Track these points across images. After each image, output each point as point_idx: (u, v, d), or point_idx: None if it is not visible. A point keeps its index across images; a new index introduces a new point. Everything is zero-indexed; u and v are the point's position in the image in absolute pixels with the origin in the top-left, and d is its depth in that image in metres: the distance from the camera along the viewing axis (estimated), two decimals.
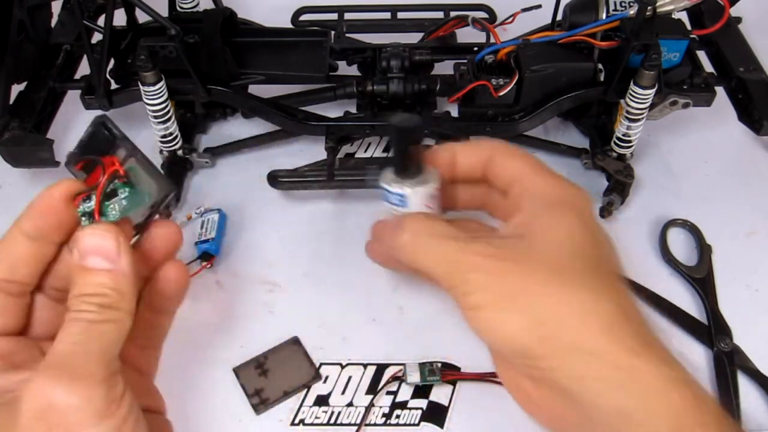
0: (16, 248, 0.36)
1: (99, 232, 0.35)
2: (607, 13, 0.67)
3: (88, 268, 0.34)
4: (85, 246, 0.34)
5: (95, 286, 0.34)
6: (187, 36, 0.69)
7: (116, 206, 0.37)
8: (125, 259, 0.35)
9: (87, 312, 0.33)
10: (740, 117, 0.74)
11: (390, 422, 0.59)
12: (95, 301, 0.33)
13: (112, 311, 0.34)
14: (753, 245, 0.71)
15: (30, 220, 0.36)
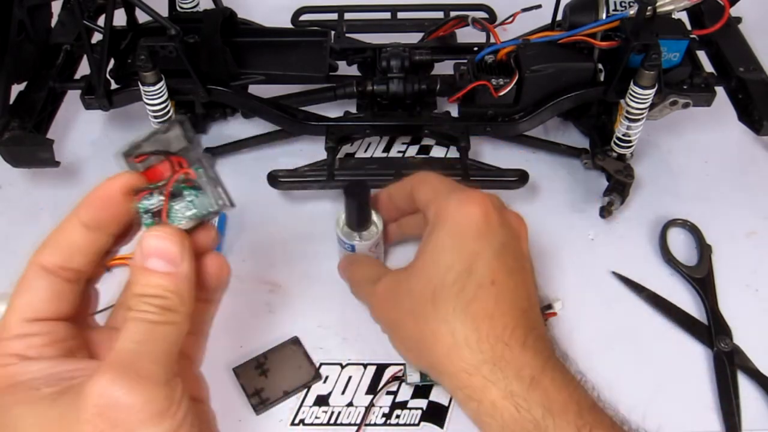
0: (73, 237, 0.37)
1: (164, 236, 0.35)
2: (607, 13, 0.67)
3: (149, 269, 0.35)
4: (149, 248, 0.35)
5: (156, 288, 0.34)
6: (187, 36, 0.69)
7: (181, 209, 0.37)
8: (187, 263, 0.36)
9: (149, 312, 0.34)
10: (740, 117, 0.74)
11: (390, 422, 0.59)
12: (156, 302, 0.34)
13: (172, 314, 0.35)
14: (753, 245, 0.71)
15: (88, 210, 0.37)
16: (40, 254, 0.37)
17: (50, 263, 0.36)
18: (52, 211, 0.76)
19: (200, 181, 0.37)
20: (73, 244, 0.37)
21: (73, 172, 0.78)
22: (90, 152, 0.81)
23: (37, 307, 0.36)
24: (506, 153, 0.79)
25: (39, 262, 0.37)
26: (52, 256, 0.37)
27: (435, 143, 0.81)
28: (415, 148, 0.81)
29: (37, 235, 0.73)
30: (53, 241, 0.37)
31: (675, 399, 0.59)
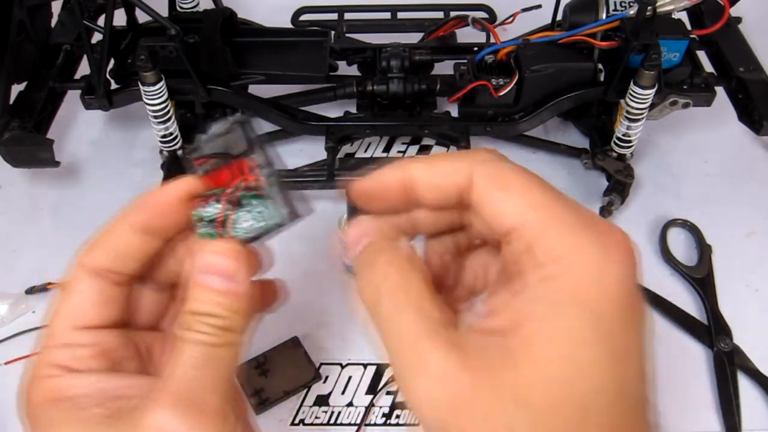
0: (123, 240, 0.34)
1: (222, 252, 0.32)
2: (607, 13, 0.67)
3: (207, 286, 0.32)
4: (206, 264, 0.32)
5: (214, 306, 0.32)
6: (187, 36, 0.69)
7: (243, 220, 0.33)
8: (246, 281, 0.33)
9: (206, 334, 0.31)
10: (740, 117, 0.74)
11: (390, 422, 0.59)
12: (214, 323, 0.31)
13: (231, 335, 0.32)
14: (753, 245, 0.71)
15: (140, 214, 0.34)
16: (88, 256, 0.34)
17: (98, 265, 0.34)
18: (52, 211, 0.76)
19: (265, 189, 0.33)
20: (123, 247, 0.34)
21: (73, 172, 0.78)
22: (90, 152, 0.81)
23: (86, 313, 0.33)
24: (506, 153, 0.78)
25: (86, 264, 0.34)
26: (100, 258, 0.34)
27: (435, 143, 0.81)
28: (415, 148, 0.81)
29: (37, 235, 0.74)
30: (101, 242, 0.35)
31: (675, 399, 0.59)
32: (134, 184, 0.78)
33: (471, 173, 0.29)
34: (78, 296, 0.34)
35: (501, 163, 0.30)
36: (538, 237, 0.27)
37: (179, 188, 0.34)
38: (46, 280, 0.67)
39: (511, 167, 0.29)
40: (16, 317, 0.65)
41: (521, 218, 0.27)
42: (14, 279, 0.68)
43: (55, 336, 0.33)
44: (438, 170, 0.31)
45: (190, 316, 0.32)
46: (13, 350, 0.63)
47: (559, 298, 0.26)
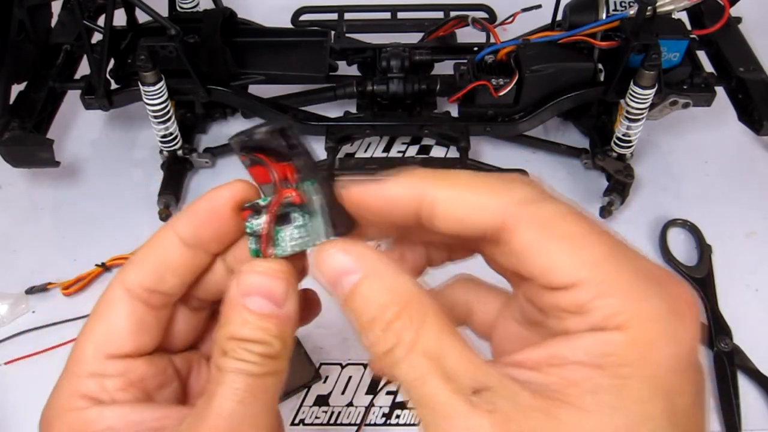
0: (167, 253, 0.31)
1: (269, 272, 0.29)
2: (607, 13, 0.67)
3: (249, 309, 0.28)
4: (251, 285, 0.29)
5: (258, 332, 0.28)
6: (187, 36, 0.69)
7: (288, 235, 0.30)
8: (292, 302, 0.29)
9: (250, 363, 0.28)
10: (740, 117, 0.74)
11: (390, 422, 0.59)
12: (258, 350, 0.28)
13: (275, 362, 0.28)
14: (753, 245, 0.71)
15: (190, 225, 0.30)
16: (126, 273, 0.31)
17: (137, 285, 0.30)
18: (52, 211, 0.76)
19: (311, 202, 0.30)
20: (167, 262, 0.30)
21: (73, 172, 0.78)
22: (90, 152, 0.81)
23: (119, 341, 0.30)
24: (506, 153, 0.79)
25: (126, 283, 0.30)
26: (139, 276, 0.30)
27: (435, 143, 0.81)
28: (415, 148, 0.81)
29: (37, 235, 0.74)
30: (143, 257, 0.31)
31: None
32: (134, 184, 0.78)
33: (507, 213, 0.26)
34: (113, 321, 0.31)
35: (546, 204, 0.26)
36: (598, 299, 0.24)
37: (232, 193, 0.30)
38: (46, 280, 0.67)
39: (559, 209, 0.25)
40: (16, 317, 0.65)
41: (577, 275, 0.24)
42: (14, 279, 0.68)
43: (83, 363, 0.30)
44: (466, 201, 0.27)
45: (229, 341, 0.28)
46: (13, 350, 0.63)
47: (623, 371, 0.23)
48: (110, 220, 0.73)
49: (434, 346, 0.25)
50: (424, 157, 0.79)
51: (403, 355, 0.25)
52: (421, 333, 0.25)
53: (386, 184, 0.28)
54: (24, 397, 0.60)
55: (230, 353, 0.28)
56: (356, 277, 0.27)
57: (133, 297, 0.30)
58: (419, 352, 0.25)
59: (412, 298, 0.26)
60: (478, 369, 0.24)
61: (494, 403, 0.23)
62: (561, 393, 0.23)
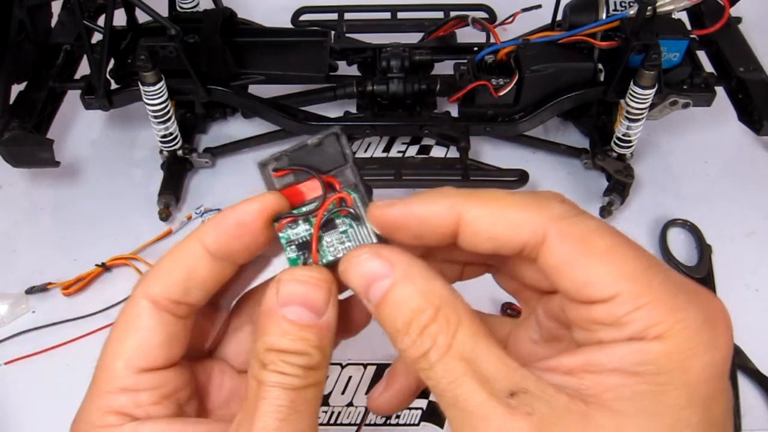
0: (195, 266, 0.30)
1: (310, 281, 0.28)
2: (607, 13, 0.67)
3: (289, 319, 0.27)
4: (291, 294, 0.28)
5: (298, 342, 0.27)
6: (187, 36, 0.69)
7: (333, 242, 0.30)
8: (332, 311, 0.28)
9: (291, 376, 0.27)
10: (740, 117, 0.74)
11: (390, 422, 0.59)
12: (298, 362, 0.27)
13: (316, 373, 0.27)
14: (753, 245, 0.71)
15: (218, 237, 0.29)
16: (150, 284, 0.30)
17: (162, 297, 0.29)
18: (52, 211, 0.76)
19: (356, 208, 0.30)
20: (194, 274, 0.30)
21: (73, 172, 0.78)
22: (90, 152, 0.81)
23: (149, 353, 0.29)
24: (506, 153, 0.79)
25: (149, 295, 0.29)
26: (165, 287, 0.29)
27: (435, 143, 0.81)
28: (415, 148, 0.81)
29: (37, 235, 0.74)
30: (168, 269, 0.30)
31: None
32: (134, 184, 0.78)
33: (545, 230, 0.26)
34: (142, 334, 0.29)
35: (582, 220, 0.26)
36: (637, 311, 0.24)
37: (264, 205, 0.29)
38: (46, 280, 0.67)
39: (594, 225, 0.26)
40: (16, 317, 0.65)
41: (615, 289, 0.24)
42: (14, 279, 0.68)
43: (114, 379, 0.29)
44: (503, 219, 0.26)
45: (268, 353, 0.27)
46: (13, 350, 0.63)
47: (661, 379, 0.23)
48: (110, 220, 0.73)
49: (469, 349, 0.25)
50: (424, 157, 0.79)
51: (438, 358, 0.25)
52: (457, 336, 0.25)
53: (423, 204, 0.28)
54: (24, 397, 0.60)
55: (270, 366, 0.27)
56: (388, 282, 0.26)
57: (160, 309, 0.29)
58: (454, 355, 0.25)
59: (446, 301, 0.26)
60: (514, 372, 0.24)
61: (532, 405, 0.23)
62: (597, 397, 0.24)
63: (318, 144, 0.30)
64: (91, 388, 0.29)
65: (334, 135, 0.30)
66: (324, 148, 0.30)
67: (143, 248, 0.70)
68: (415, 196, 0.28)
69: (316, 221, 0.29)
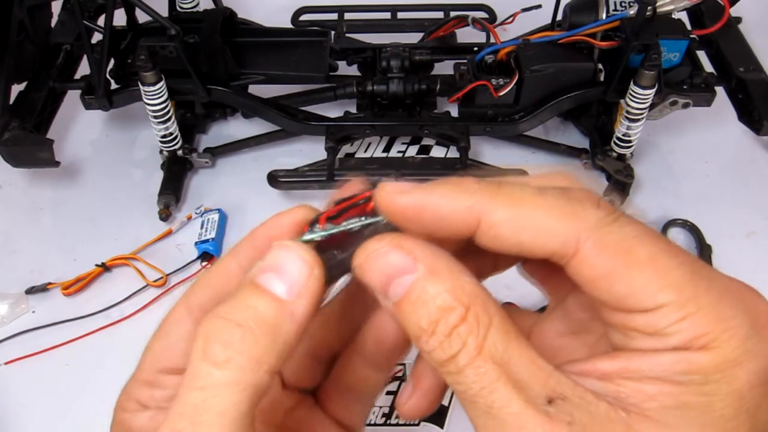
0: (229, 281, 0.28)
1: (295, 251, 0.25)
2: (607, 13, 0.67)
3: (259, 286, 0.25)
4: (271, 261, 0.25)
5: (249, 311, 0.24)
6: (187, 36, 0.69)
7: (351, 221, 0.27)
8: (306, 301, 0.25)
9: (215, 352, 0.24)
10: (740, 117, 0.74)
11: (390, 422, 0.59)
12: (235, 336, 0.24)
13: (253, 364, 0.24)
14: (753, 245, 0.71)
15: (249, 252, 0.28)
16: (192, 294, 0.29)
17: (198, 306, 0.29)
18: (52, 211, 0.76)
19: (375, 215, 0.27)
20: (228, 287, 0.28)
21: (73, 172, 0.78)
22: (90, 152, 0.81)
23: (172, 357, 0.29)
24: (506, 153, 0.79)
25: (188, 303, 0.29)
26: (201, 298, 0.29)
27: (435, 143, 0.81)
28: (415, 148, 0.81)
29: (37, 235, 0.74)
30: (207, 280, 0.30)
31: None
32: (134, 184, 0.78)
33: (580, 240, 0.23)
34: (171, 338, 0.29)
35: (619, 227, 0.24)
36: (682, 321, 0.22)
37: (294, 219, 0.27)
38: (46, 280, 0.67)
39: (633, 232, 0.23)
40: (16, 317, 0.65)
41: (660, 300, 0.22)
42: (14, 279, 0.68)
43: (142, 371, 0.30)
44: (533, 224, 0.23)
45: (213, 320, 0.25)
46: (13, 350, 0.63)
47: (708, 389, 0.22)
48: (110, 220, 0.73)
49: (502, 351, 0.22)
50: (424, 157, 0.79)
51: (469, 361, 0.22)
52: (488, 337, 0.22)
53: (440, 197, 0.24)
54: (24, 397, 0.60)
55: (201, 335, 0.24)
56: (411, 278, 0.24)
57: (194, 318, 0.29)
58: (486, 358, 0.22)
59: (477, 299, 0.23)
60: (550, 376, 0.23)
61: (571, 413, 0.22)
62: (639, 407, 0.22)
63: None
64: (133, 373, 0.30)
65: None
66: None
67: (143, 248, 0.70)
68: (432, 186, 0.24)
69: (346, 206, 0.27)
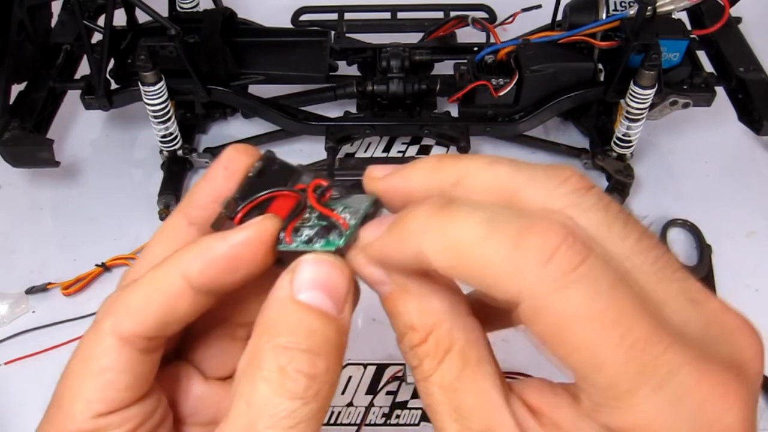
0: (174, 301, 0.25)
1: (335, 263, 0.24)
2: (607, 13, 0.67)
3: (305, 305, 0.23)
4: (310, 277, 0.24)
5: (312, 337, 0.23)
6: (187, 36, 0.69)
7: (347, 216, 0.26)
8: (350, 311, 0.24)
9: (297, 381, 0.22)
10: (740, 117, 0.74)
11: (390, 422, 0.59)
12: (307, 363, 0.22)
13: (325, 384, 0.23)
14: (753, 245, 0.71)
15: (205, 271, 0.25)
16: (120, 319, 0.25)
17: (134, 335, 0.25)
18: (52, 211, 0.76)
19: (335, 188, 0.28)
20: (172, 310, 0.25)
21: (73, 172, 0.78)
22: (90, 152, 0.81)
23: (113, 398, 0.25)
24: (506, 153, 0.79)
25: (117, 332, 0.25)
26: (137, 325, 0.25)
27: (435, 143, 0.81)
28: (415, 148, 0.81)
29: (37, 235, 0.74)
30: (141, 303, 0.25)
31: None
32: (134, 184, 0.78)
33: (518, 296, 0.20)
34: (105, 377, 0.25)
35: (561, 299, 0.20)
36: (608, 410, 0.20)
37: (262, 235, 0.25)
38: (46, 280, 0.67)
39: (576, 307, 0.19)
40: (16, 317, 0.65)
41: (586, 382, 0.20)
42: (14, 279, 0.68)
43: (71, 421, 0.26)
44: (462, 267, 0.21)
45: (271, 350, 0.22)
46: (13, 350, 0.63)
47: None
48: (110, 220, 0.73)
49: (453, 378, 0.23)
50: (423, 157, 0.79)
51: (422, 379, 0.23)
52: (444, 362, 0.23)
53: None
54: (24, 397, 0.60)
55: (275, 370, 0.22)
56: (387, 288, 0.24)
57: (130, 348, 0.25)
58: (435, 382, 0.23)
59: (442, 323, 0.23)
60: (493, 412, 0.22)
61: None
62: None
63: (259, 171, 0.28)
64: (48, 421, 0.26)
65: (268, 155, 0.28)
66: (268, 173, 0.28)
67: (143, 248, 0.70)
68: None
69: (317, 206, 0.26)
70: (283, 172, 0.28)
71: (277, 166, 0.28)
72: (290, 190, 0.27)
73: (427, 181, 0.24)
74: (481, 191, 0.23)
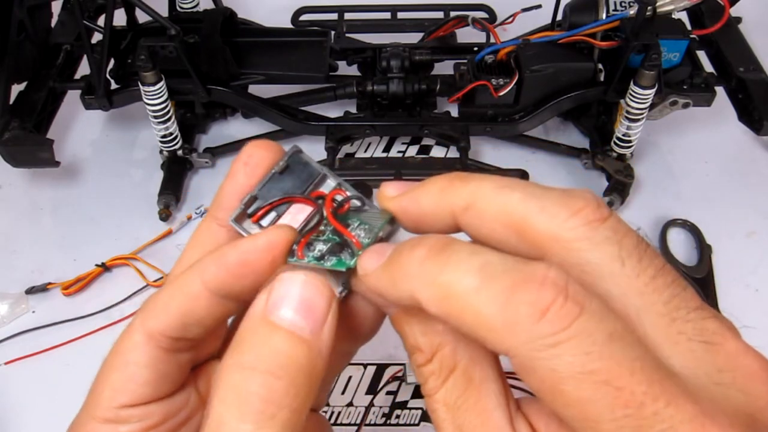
0: (193, 305, 0.26)
1: (314, 281, 0.24)
2: (607, 13, 0.67)
3: (276, 325, 0.23)
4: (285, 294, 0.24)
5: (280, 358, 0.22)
6: (187, 36, 0.69)
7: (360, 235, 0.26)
8: (329, 334, 0.24)
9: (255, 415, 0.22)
10: (740, 117, 0.74)
11: (390, 422, 0.59)
12: (266, 394, 0.22)
13: (282, 409, 0.22)
14: (753, 245, 0.71)
15: (217, 275, 0.26)
16: (148, 318, 0.27)
17: (159, 333, 0.27)
18: (52, 211, 0.76)
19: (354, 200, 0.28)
20: (192, 312, 0.26)
21: (73, 172, 0.78)
22: (90, 152, 0.81)
23: (135, 390, 0.27)
24: (506, 153, 0.79)
25: (145, 329, 0.27)
26: (161, 323, 0.27)
27: (435, 143, 0.81)
28: (415, 148, 0.81)
29: (37, 235, 0.74)
30: (166, 303, 0.27)
31: None
32: (134, 184, 0.78)
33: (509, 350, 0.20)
34: (131, 369, 0.27)
35: (551, 358, 0.19)
36: None
37: (276, 244, 0.25)
38: (46, 280, 0.67)
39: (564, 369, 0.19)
40: (16, 317, 0.65)
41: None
42: (14, 279, 0.68)
43: (99, 407, 0.27)
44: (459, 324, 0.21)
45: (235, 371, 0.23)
46: (13, 350, 0.63)
47: None
48: (110, 220, 0.73)
49: (456, 397, 0.23)
50: (424, 157, 0.79)
51: (427, 396, 0.24)
52: (448, 381, 0.23)
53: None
54: (24, 397, 0.60)
55: (230, 389, 0.22)
56: (393, 311, 0.25)
57: (155, 345, 0.27)
58: (440, 400, 0.23)
59: (444, 346, 0.24)
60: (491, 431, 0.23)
61: None
62: None
63: (284, 168, 0.28)
64: (84, 407, 0.28)
65: (296, 152, 0.28)
66: (293, 170, 0.28)
67: (143, 248, 0.70)
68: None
69: (333, 221, 0.27)
70: (307, 171, 0.28)
71: (302, 165, 0.28)
72: (307, 198, 0.28)
73: (437, 204, 0.24)
74: (491, 219, 0.23)
